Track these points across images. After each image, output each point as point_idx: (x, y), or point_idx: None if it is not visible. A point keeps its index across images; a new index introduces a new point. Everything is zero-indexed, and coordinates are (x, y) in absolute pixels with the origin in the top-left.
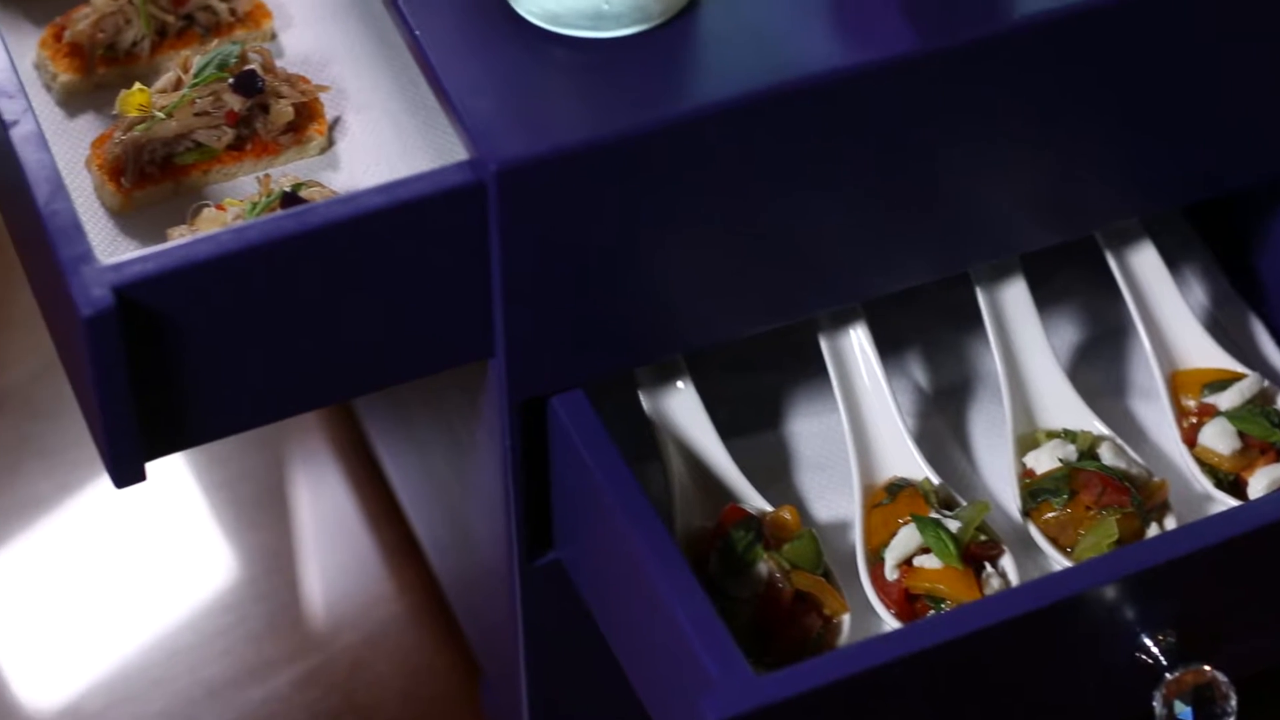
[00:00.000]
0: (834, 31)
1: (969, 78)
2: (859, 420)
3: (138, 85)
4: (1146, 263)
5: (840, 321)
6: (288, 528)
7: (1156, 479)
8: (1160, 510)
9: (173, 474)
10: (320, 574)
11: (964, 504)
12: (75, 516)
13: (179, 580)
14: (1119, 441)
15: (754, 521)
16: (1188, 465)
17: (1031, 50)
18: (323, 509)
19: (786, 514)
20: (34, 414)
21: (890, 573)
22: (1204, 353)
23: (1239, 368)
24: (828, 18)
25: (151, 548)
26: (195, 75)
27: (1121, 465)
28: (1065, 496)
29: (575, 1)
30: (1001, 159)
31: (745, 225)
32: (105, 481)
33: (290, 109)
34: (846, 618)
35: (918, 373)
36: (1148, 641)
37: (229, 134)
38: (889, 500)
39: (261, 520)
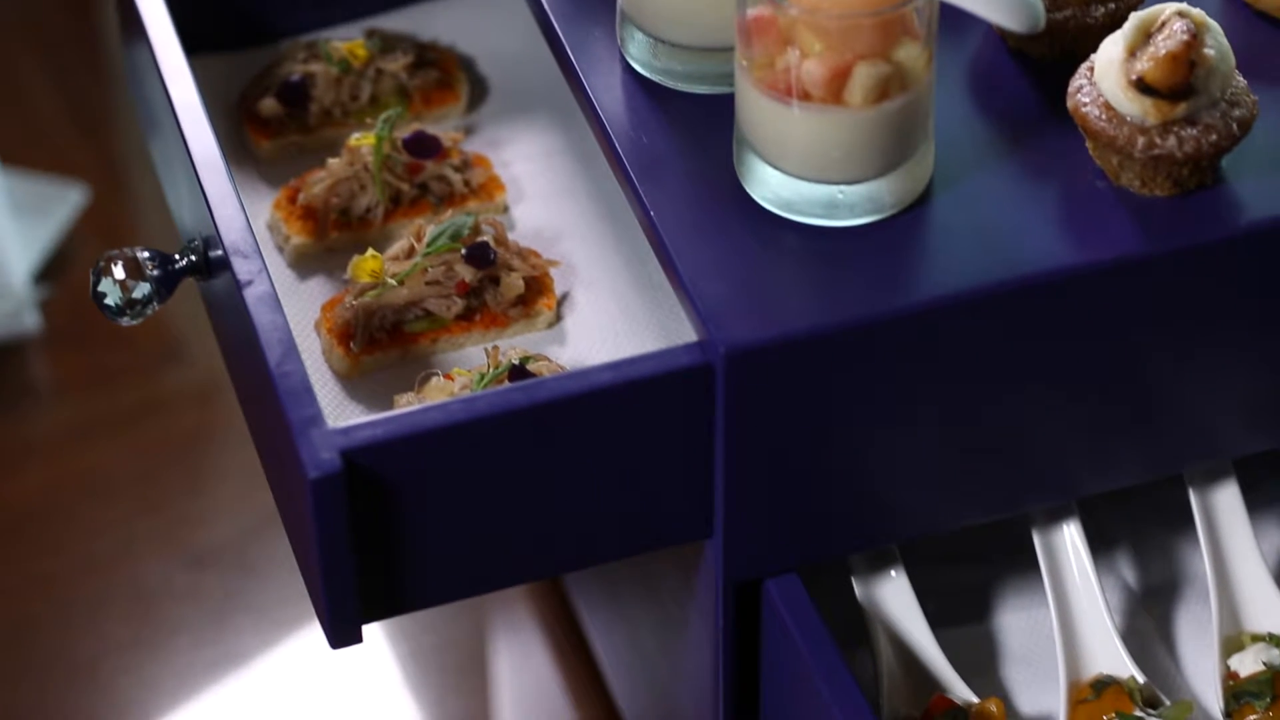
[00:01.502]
0: (1063, 229)
1: (1194, 280)
2: (1068, 616)
3: (370, 251)
4: None
5: (1054, 517)
6: (489, 696)
7: None
8: None
9: (379, 636)
10: None
11: (1168, 703)
12: (280, 674)
13: None
14: None
15: (961, 713)
16: None
17: (1257, 255)
18: (525, 679)
19: (993, 706)
20: (243, 569)
21: None
22: None
23: None
24: (1057, 215)
25: (354, 709)
26: (428, 244)
27: None
28: (1268, 700)
29: (809, 190)
30: (1220, 363)
31: (965, 418)
32: (310, 640)
33: (521, 282)
34: None
35: (1126, 570)
36: None
37: (459, 304)
38: (1094, 697)
39: (464, 687)
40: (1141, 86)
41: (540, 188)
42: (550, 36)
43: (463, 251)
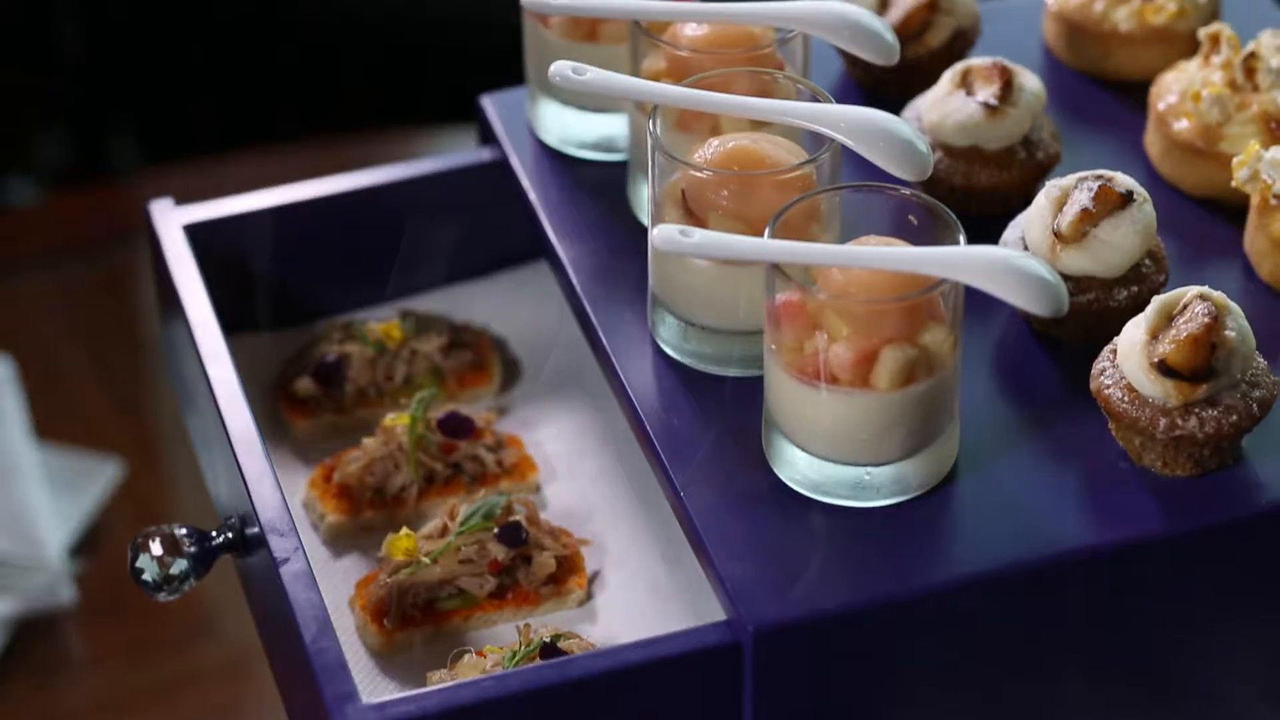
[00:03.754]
0: (1086, 510)
1: (1216, 560)
2: None
3: (404, 530)
4: None
5: None
6: None
7: None
8: None
9: None
10: None
11: None
12: None
13: None
14: None
15: None
16: None
17: (1278, 535)
18: None
19: None
20: None
21: None
22: None
23: None
24: (1080, 496)
25: None
26: (461, 524)
27: None
28: None
29: (837, 471)
30: (1241, 641)
31: (989, 693)
32: None
33: (552, 561)
34: None
35: None
36: None
37: (491, 582)
38: None
39: None
40: (1163, 369)
41: (572, 468)
42: (582, 319)
43: (495, 531)
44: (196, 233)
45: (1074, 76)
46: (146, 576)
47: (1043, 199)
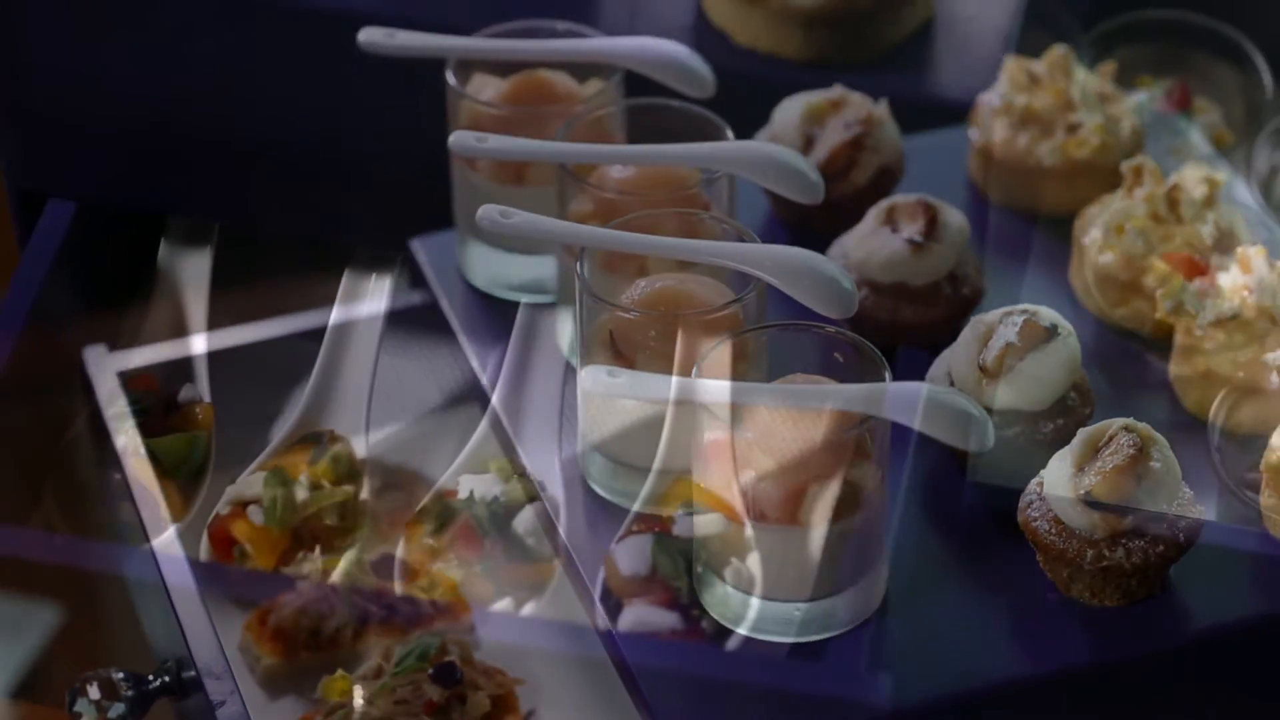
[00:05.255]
0: (1014, 642)
1: (1144, 689)
2: None
3: (340, 671)
4: None
5: None
6: None
7: None
8: None
9: None
10: None
11: None
12: None
13: None
14: None
15: None
16: None
17: (1205, 663)
18: None
19: None
20: None
21: None
22: None
23: None
24: (1009, 629)
25: None
26: (396, 664)
27: None
28: None
29: (766, 608)
30: None
31: None
32: None
33: (487, 701)
34: None
35: None
36: None
37: None
38: None
39: None
40: (1090, 500)
41: (506, 607)
42: (513, 459)
43: (430, 671)
44: (130, 378)
45: (999, 211)
46: None
47: (968, 334)
